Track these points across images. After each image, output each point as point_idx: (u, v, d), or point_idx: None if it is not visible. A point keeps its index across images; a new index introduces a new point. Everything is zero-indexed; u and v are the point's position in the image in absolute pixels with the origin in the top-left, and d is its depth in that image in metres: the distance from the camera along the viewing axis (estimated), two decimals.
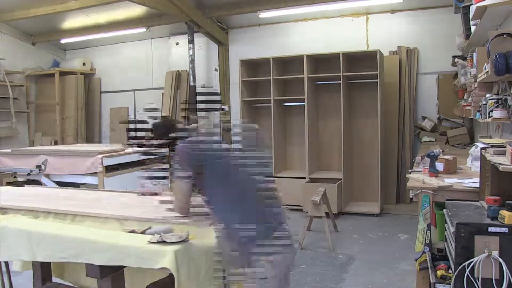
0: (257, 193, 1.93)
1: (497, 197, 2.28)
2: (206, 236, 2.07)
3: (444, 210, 2.66)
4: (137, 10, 7.45)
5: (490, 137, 3.92)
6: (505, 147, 2.34)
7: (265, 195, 1.94)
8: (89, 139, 9.02)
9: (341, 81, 5.98)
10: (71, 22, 8.19)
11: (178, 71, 8.22)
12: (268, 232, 1.84)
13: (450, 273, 2.30)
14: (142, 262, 1.87)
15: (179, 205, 1.87)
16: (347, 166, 6.17)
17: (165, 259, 1.80)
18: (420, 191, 2.97)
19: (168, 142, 2.07)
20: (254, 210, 1.88)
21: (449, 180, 3.08)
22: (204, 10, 7.37)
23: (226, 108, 7.96)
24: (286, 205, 6.29)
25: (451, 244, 2.40)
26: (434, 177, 3.16)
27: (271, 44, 7.48)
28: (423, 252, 2.91)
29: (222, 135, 7.27)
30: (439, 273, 2.58)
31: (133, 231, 2.17)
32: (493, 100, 3.00)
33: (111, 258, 1.92)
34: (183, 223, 2.15)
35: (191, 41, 7.54)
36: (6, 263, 3.04)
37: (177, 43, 8.38)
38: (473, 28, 3.61)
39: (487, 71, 2.78)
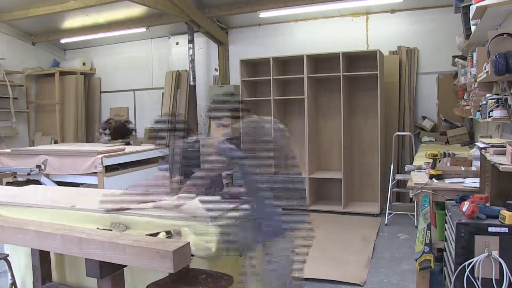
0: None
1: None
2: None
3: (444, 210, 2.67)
4: (137, 10, 7.45)
5: (490, 137, 3.92)
6: (505, 147, 2.34)
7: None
8: (89, 139, 9.03)
9: (341, 81, 5.98)
10: (71, 22, 8.19)
11: (178, 71, 8.23)
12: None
13: None
14: None
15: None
16: (347, 166, 6.17)
17: None
18: (420, 191, 2.98)
19: None
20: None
21: (449, 180, 3.08)
22: (204, 10, 7.37)
23: None
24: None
25: (451, 244, 2.40)
26: (434, 178, 3.16)
27: (271, 44, 7.48)
28: (423, 252, 2.91)
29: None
30: None
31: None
32: (493, 100, 3.00)
33: None
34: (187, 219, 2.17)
35: (191, 41, 7.54)
36: (8, 262, 3.04)
37: (177, 43, 8.39)
38: (473, 28, 3.61)
39: (487, 71, 2.78)
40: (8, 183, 4.87)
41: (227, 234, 2.13)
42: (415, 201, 4.62)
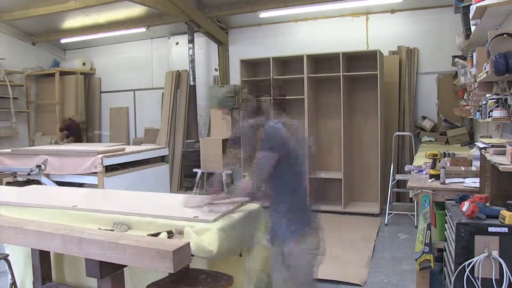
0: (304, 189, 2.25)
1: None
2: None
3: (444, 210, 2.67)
4: (137, 10, 7.45)
5: (490, 137, 3.92)
6: (505, 147, 2.34)
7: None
8: (89, 139, 9.03)
9: (341, 81, 5.98)
10: (71, 22, 8.19)
11: (178, 71, 8.23)
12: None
13: None
14: None
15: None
16: (347, 166, 6.17)
17: None
18: (420, 191, 2.98)
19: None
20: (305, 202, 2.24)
21: (449, 180, 3.08)
22: (204, 10, 7.37)
23: None
24: None
25: (451, 244, 2.40)
26: (433, 178, 3.16)
27: (271, 44, 7.48)
28: (423, 252, 2.91)
29: None
30: None
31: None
32: (493, 100, 3.00)
33: None
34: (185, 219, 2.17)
35: (191, 41, 7.54)
36: (8, 262, 3.04)
37: (177, 43, 8.39)
38: (473, 28, 3.61)
39: (487, 71, 2.78)
40: (8, 183, 4.86)
41: (228, 234, 2.13)
42: (415, 201, 4.62)
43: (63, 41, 8.92)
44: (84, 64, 9.08)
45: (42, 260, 2.87)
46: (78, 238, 2.02)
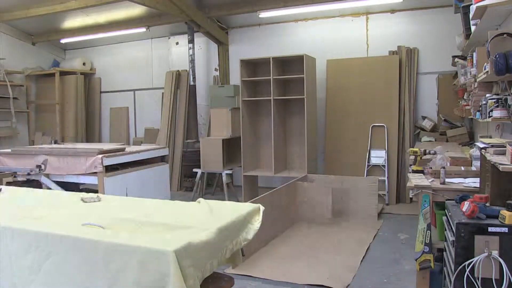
0: None
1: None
2: None
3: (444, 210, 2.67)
4: (137, 10, 7.45)
5: (490, 137, 3.92)
6: (505, 147, 2.34)
7: None
8: (89, 139, 9.04)
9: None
10: (71, 22, 8.20)
11: (178, 71, 8.23)
12: None
13: None
14: None
15: None
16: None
17: None
18: (420, 191, 2.98)
19: None
20: None
21: (449, 180, 3.08)
22: (204, 10, 7.37)
23: None
24: None
25: (451, 244, 2.40)
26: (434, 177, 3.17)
27: (271, 44, 7.49)
28: (423, 252, 2.91)
29: None
30: None
31: None
32: (493, 100, 3.01)
33: None
34: None
35: (191, 41, 7.55)
36: None
37: (177, 43, 8.39)
38: (473, 28, 3.61)
39: (487, 71, 2.79)
40: (8, 183, 4.86)
41: None
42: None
43: (63, 41, 8.93)
44: (84, 64, 9.08)
45: None
46: None
